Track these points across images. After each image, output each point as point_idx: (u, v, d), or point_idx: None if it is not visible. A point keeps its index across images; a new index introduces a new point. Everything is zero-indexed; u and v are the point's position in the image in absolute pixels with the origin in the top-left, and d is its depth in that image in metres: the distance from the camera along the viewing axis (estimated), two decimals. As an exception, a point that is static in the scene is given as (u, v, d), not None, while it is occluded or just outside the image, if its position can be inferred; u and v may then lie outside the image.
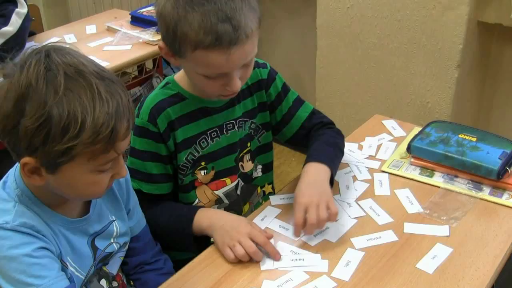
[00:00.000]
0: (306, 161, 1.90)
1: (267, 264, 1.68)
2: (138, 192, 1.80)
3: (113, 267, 1.70)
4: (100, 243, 1.62)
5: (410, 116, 3.23)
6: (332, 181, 1.88)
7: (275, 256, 1.69)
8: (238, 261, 1.69)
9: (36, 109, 1.28)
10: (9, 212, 1.42)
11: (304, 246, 1.76)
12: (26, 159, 1.34)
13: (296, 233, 1.76)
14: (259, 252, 1.68)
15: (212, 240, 1.76)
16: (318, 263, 1.69)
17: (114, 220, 1.67)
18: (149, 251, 1.81)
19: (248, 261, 1.68)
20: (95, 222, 1.61)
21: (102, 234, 1.62)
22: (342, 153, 2.04)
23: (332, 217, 1.75)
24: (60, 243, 1.49)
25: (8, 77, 1.34)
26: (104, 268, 1.66)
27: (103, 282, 1.66)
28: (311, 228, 1.74)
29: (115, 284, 1.70)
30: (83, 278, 1.56)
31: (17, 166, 1.48)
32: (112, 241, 1.65)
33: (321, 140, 1.99)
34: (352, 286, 1.61)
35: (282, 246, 1.75)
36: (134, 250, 1.77)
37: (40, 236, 1.42)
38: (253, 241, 1.68)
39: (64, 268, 1.48)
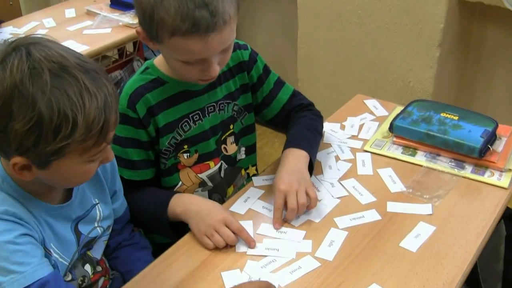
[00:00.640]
0: (286, 147, 1.90)
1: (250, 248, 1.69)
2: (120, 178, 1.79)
3: (97, 252, 1.69)
4: (83, 228, 1.60)
5: (392, 96, 3.23)
6: (312, 166, 1.88)
7: (250, 243, 1.68)
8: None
9: (25, 111, 1.24)
10: None
11: (288, 226, 1.75)
12: (16, 159, 1.32)
13: (276, 220, 1.75)
14: (236, 239, 1.68)
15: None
16: (301, 241, 1.70)
17: (97, 204, 1.65)
18: (127, 231, 1.82)
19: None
20: (78, 207, 1.59)
21: (85, 219, 1.61)
22: (321, 135, 2.05)
23: (313, 202, 1.76)
24: (43, 229, 1.47)
25: None
26: (88, 253, 1.65)
27: (87, 267, 1.65)
28: (291, 214, 1.74)
29: (99, 268, 1.69)
30: (67, 264, 1.55)
31: None
32: (96, 225, 1.65)
33: (300, 124, 1.99)
34: (336, 266, 1.61)
35: (265, 227, 1.76)
36: (115, 232, 1.77)
37: (22, 223, 1.40)
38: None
39: (47, 255, 1.46)
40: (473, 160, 1.96)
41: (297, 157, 1.86)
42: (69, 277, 1.59)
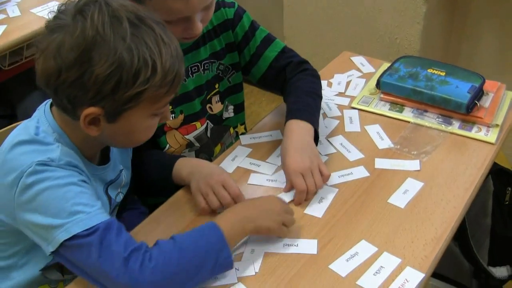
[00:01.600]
0: (288, 118, 1.82)
1: None
2: None
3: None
4: (111, 192, 1.61)
5: (379, 53, 3.22)
6: (317, 136, 1.83)
7: None
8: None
9: (107, 56, 1.27)
10: (54, 151, 1.39)
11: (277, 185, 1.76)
12: (89, 110, 1.33)
13: (300, 201, 1.70)
14: (233, 202, 1.63)
15: None
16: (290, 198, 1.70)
17: (122, 169, 1.66)
18: (130, 195, 1.81)
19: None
20: (112, 170, 1.60)
21: (114, 184, 1.62)
22: (321, 97, 1.99)
23: (325, 180, 1.73)
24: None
25: (62, 29, 1.31)
26: None
27: None
28: (311, 195, 1.70)
29: None
30: None
31: (45, 110, 1.47)
32: (119, 190, 1.65)
33: (298, 91, 1.93)
34: (325, 222, 1.62)
35: (256, 177, 1.77)
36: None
37: (83, 174, 1.42)
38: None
39: None
40: (461, 116, 1.96)
41: (302, 131, 1.79)
42: None
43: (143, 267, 1.29)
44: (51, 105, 1.48)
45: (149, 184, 1.82)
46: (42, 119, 1.45)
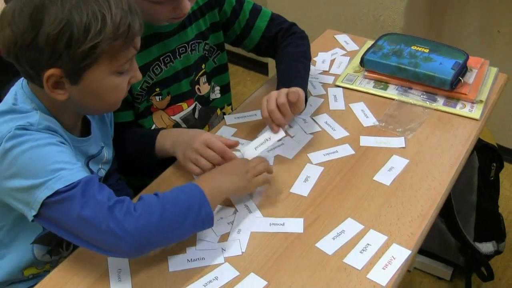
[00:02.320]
0: (279, 86, 1.83)
1: None
2: None
3: None
4: (93, 167, 1.61)
5: (362, 30, 3.20)
6: (306, 98, 1.84)
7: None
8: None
9: (55, 15, 1.29)
10: (32, 116, 1.40)
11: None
12: (50, 71, 1.34)
13: (271, 126, 1.72)
14: (222, 160, 1.64)
15: None
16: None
17: (103, 146, 1.66)
18: (114, 177, 1.81)
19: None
20: (93, 144, 1.60)
21: (96, 158, 1.61)
22: (309, 59, 2.01)
23: (293, 100, 1.71)
24: None
25: None
26: None
27: None
28: (277, 118, 1.69)
29: None
30: None
31: (23, 83, 1.47)
32: (100, 166, 1.65)
33: (288, 56, 1.96)
34: (311, 201, 1.62)
35: (238, 155, 1.74)
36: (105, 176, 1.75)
37: (63, 140, 1.43)
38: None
39: None
40: (445, 93, 1.97)
41: None
42: None
43: (127, 215, 1.30)
44: None
45: (133, 160, 1.81)
46: (19, 91, 1.46)
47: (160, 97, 1.88)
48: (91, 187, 1.33)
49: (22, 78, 1.48)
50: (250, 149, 1.69)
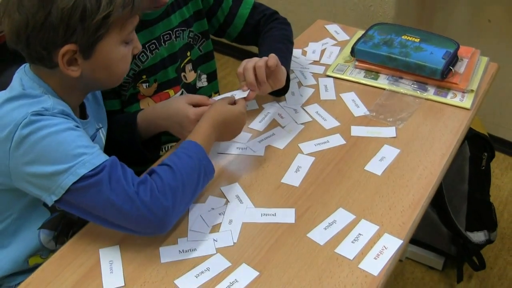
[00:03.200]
0: None
1: None
2: None
3: None
4: None
5: (353, 20, 3.21)
6: (288, 78, 1.85)
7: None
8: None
9: None
10: (46, 101, 1.40)
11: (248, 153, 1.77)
12: (65, 48, 1.35)
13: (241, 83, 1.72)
14: None
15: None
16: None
17: (100, 128, 1.67)
18: None
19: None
20: (91, 126, 1.61)
21: (95, 141, 1.60)
22: (292, 43, 2.03)
23: (271, 65, 1.69)
24: None
25: None
26: None
27: None
28: (249, 76, 1.69)
29: None
30: None
31: (25, 70, 1.47)
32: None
33: (270, 38, 1.97)
34: (302, 191, 1.62)
35: (225, 146, 1.78)
36: None
37: (77, 124, 1.43)
38: None
39: None
40: (436, 82, 1.96)
41: None
42: None
43: (153, 197, 1.35)
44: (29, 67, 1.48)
45: (119, 146, 1.78)
46: (24, 77, 1.45)
47: (147, 84, 1.88)
48: (116, 170, 1.36)
49: (24, 65, 1.48)
50: None
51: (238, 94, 1.68)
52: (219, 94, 2.15)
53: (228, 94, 1.69)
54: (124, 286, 1.39)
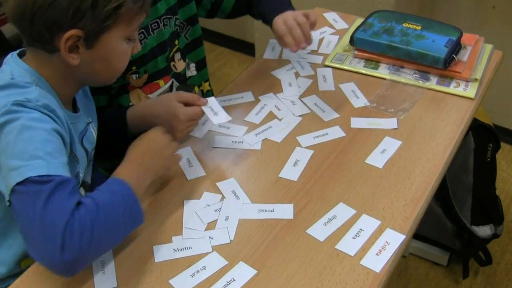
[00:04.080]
0: (270, 18, 1.89)
1: None
2: None
3: (88, 176, 1.67)
4: (87, 145, 1.59)
5: (352, 8, 3.17)
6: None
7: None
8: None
9: None
10: (31, 92, 1.36)
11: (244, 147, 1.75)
12: (70, 32, 1.34)
13: (289, 43, 1.82)
14: (201, 112, 1.67)
15: None
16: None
17: (90, 122, 1.64)
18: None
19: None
20: (81, 120, 1.58)
21: (85, 136, 1.59)
22: None
23: (314, 20, 1.84)
24: (70, 135, 1.45)
25: None
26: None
27: (82, 190, 1.61)
28: (295, 33, 1.80)
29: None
30: (82, 177, 1.56)
31: (13, 58, 1.45)
32: (93, 146, 1.65)
33: None
34: (301, 186, 1.60)
35: (220, 140, 1.76)
36: None
37: (59, 122, 1.38)
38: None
39: (74, 162, 1.49)
40: (438, 71, 1.94)
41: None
42: None
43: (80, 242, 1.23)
44: (18, 55, 1.46)
45: (108, 142, 1.78)
46: (14, 66, 1.43)
47: (137, 75, 1.87)
48: (63, 190, 1.26)
49: (11, 54, 1.46)
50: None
51: (220, 116, 1.66)
52: (209, 83, 2.16)
53: (217, 105, 1.67)
54: (117, 287, 1.37)
